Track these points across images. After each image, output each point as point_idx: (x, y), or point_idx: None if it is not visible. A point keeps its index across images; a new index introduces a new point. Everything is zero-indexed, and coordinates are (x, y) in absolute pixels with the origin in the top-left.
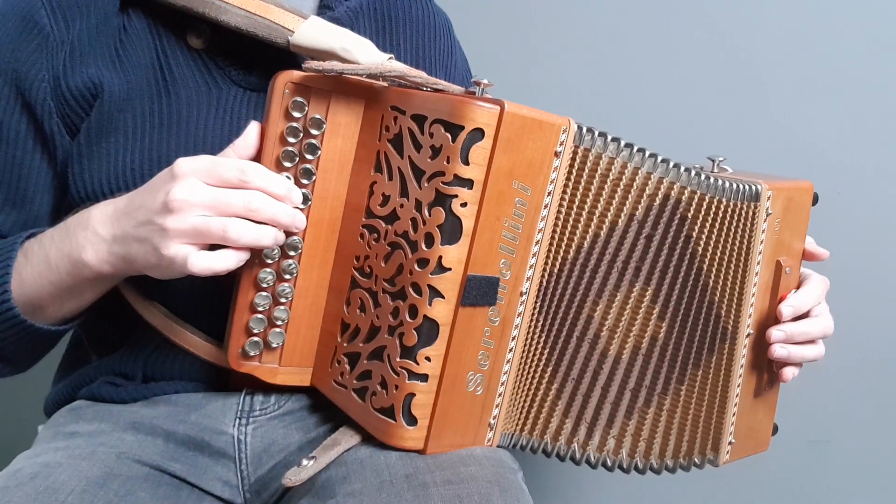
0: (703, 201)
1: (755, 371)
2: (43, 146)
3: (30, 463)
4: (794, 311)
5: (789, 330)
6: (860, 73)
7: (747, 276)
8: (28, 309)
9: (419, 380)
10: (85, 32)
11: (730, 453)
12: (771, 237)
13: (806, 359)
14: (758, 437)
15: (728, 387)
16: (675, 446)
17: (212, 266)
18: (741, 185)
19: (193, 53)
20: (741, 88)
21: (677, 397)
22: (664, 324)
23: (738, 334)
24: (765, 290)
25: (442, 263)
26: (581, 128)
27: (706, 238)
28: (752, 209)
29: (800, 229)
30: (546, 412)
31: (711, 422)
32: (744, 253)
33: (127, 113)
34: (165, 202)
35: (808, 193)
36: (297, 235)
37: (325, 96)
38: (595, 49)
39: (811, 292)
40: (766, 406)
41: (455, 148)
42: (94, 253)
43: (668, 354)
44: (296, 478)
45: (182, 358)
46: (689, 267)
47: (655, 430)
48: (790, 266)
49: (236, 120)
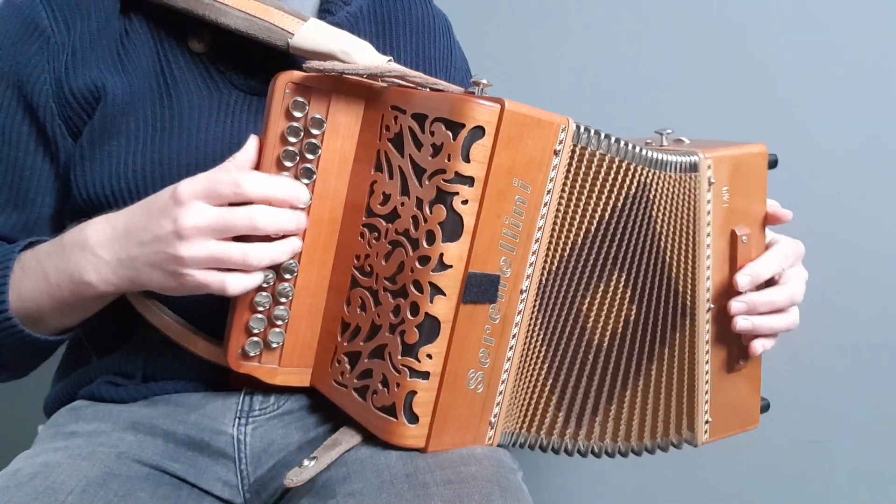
0: (659, 179)
1: (723, 345)
2: (45, 148)
3: (30, 463)
4: (751, 280)
5: (750, 300)
6: (860, 73)
7: (698, 249)
8: (27, 321)
9: (420, 377)
10: (86, 35)
11: (709, 432)
12: (719, 207)
13: (775, 329)
14: (744, 414)
15: (694, 363)
16: (652, 427)
17: (248, 287)
18: (680, 157)
19: (195, 57)
20: (741, 88)
21: (648, 378)
22: (634, 306)
23: (698, 309)
24: (723, 262)
25: (443, 261)
26: (580, 127)
27: (662, 216)
28: (692, 180)
29: (756, 195)
30: (542, 408)
31: (683, 400)
32: (692, 225)
33: (129, 116)
34: (176, 231)
35: (760, 157)
36: (297, 236)
37: (325, 96)
38: (594, 49)
39: (773, 258)
40: (747, 381)
41: (456, 146)
42: (96, 275)
43: (639, 336)
44: (297, 478)
45: (182, 358)
46: (651, 247)
47: (633, 412)
48: (747, 234)
49: (238, 124)
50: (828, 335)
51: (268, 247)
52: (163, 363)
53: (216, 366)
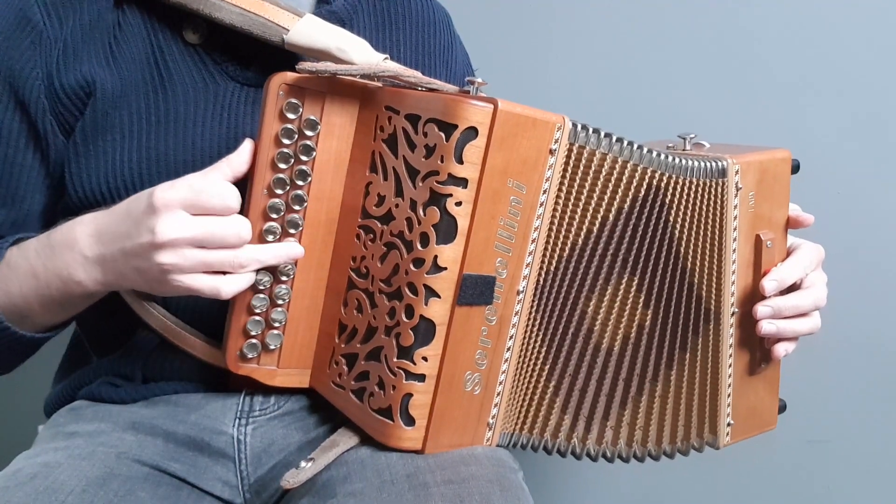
0: (676, 184)
1: (746, 349)
2: (35, 144)
3: (30, 463)
4: (777, 285)
5: (776, 304)
6: (860, 73)
7: (724, 254)
8: (14, 318)
9: (416, 380)
10: (78, 29)
11: (730, 434)
12: (746, 212)
13: (798, 333)
14: (762, 416)
15: (718, 367)
16: (671, 432)
17: (242, 287)
18: (706, 162)
19: (190, 49)
20: (741, 88)
21: (668, 382)
22: (649, 311)
23: (722, 314)
24: (747, 267)
25: (437, 263)
26: (576, 125)
27: (681, 221)
28: (720, 186)
29: (780, 200)
30: (545, 409)
31: (705, 404)
32: (717, 231)
33: (122, 110)
34: (153, 242)
35: (784, 163)
36: (294, 238)
37: (319, 97)
38: (593, 45)
39: (797, 263)
40: (766, 383)
41: (449, 147)
42: (86, 274)
43: (656, 341)
44: (294, 480)
45: (181, 359)
46: (668, 252)
47: (650, 417)
48: (772, 239)
49: (234, 116)
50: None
51: (258, 248)
52: (162, 364)
53: (216, 367)
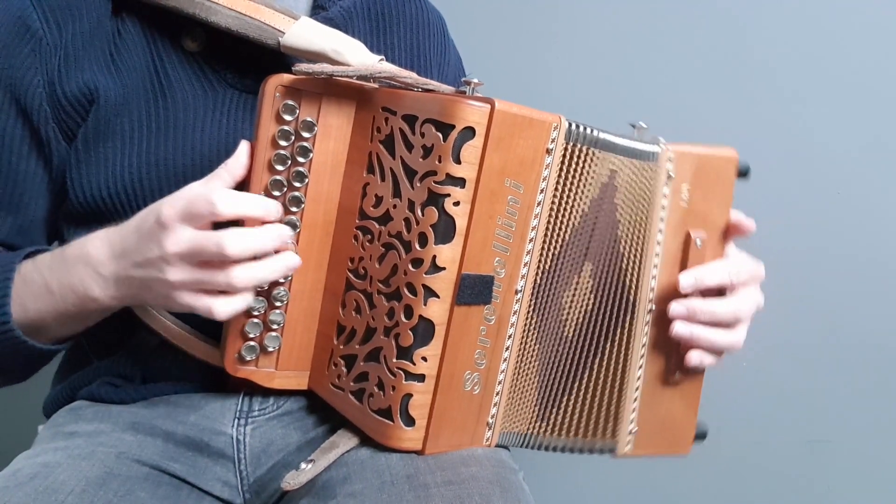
0: (622, 165)
1: (661, 353)
2: (38, 151)
3: (29, 463)
4: (694, 283)
5: (691, 306)
6: (861, 74)
7: (647, 244)
8: (29, 331)
9: (416, 380)
10: (78, 37)
11: (632, 444)
12: (677, 204)
13: (715, 344)
14: (674, 434)
15: (627, 366)
16: (585, 426)
17: (235, 310)
18: (640, 144)
19: (188, 57)
20: (740, 88)
21: (591, 374)
22: (593, 296)
23: (639, 308)
24: (672, 264)
25: (436, 263)
26: (571, 124)
27: (622, 203)
28: (650, 171)
29: (720, 200)
30: (531, 405)
31: (612, 403)
32: (644, 218)
33: (123, 118)
34: (162, 256)
35: (728, 162)
36: (290, 239)
37: (315, 99)
38: (588, 46)
39: (723, 267)
40: (682, 399)
41: (446, 147)
42: (100, 290)
43: (592, 329)
44: (294, 481)
45: (181, 359)
46: (612, 235)
47: (575, 408)
48: (703, 239)
49: (233, 123)
50: (827, 335)
51: (253, 267)
52: (162, 365)
53: (215, 367)
